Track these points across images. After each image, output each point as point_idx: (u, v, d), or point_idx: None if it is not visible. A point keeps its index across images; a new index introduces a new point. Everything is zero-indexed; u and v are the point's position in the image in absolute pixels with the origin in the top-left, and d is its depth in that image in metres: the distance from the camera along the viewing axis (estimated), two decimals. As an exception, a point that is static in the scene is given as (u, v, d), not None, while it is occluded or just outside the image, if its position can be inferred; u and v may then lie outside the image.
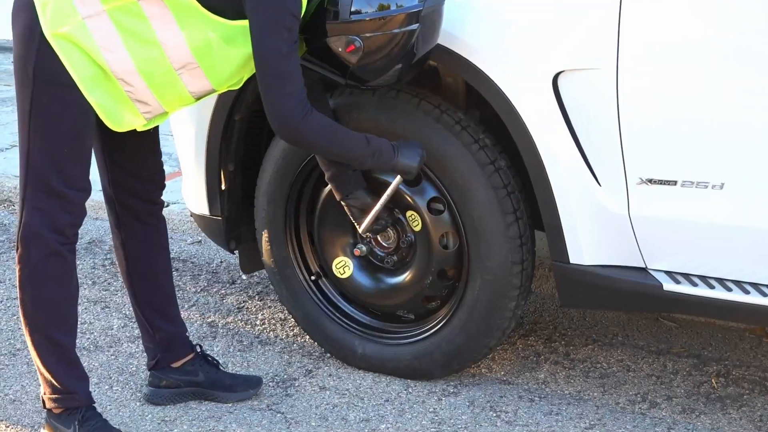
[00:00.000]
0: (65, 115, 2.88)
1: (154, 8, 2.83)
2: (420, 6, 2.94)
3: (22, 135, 2.93)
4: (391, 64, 3.01)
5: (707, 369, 3.60)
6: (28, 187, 2.94)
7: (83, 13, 2.82)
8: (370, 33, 2.93)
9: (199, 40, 2.86)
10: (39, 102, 2.88)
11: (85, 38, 2.83)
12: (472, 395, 3.46)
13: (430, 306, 3.53)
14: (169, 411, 3.41)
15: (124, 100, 2.92)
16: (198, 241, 4.94)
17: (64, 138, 2.90)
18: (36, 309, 3.04)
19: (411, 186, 3.37)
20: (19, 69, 2.89)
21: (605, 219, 3.08)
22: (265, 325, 4.02)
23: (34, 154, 2.91)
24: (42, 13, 2.82)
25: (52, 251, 2.97)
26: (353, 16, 2.91)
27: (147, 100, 2.94)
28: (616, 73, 2.92)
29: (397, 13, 2.93)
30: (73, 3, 2.82)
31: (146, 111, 2.97)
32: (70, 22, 2.82)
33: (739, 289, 3.00)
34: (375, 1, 2.92)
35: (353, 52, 2.94)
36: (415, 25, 2.95)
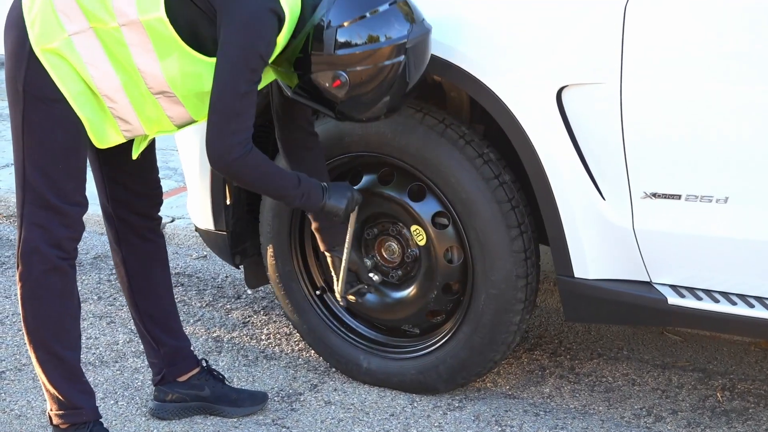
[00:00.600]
0: (57, 130, 2.89)
1: (134, 36, 2.83)
2: (405, 37, 2.92)
3: (16, 152, 2.94)
4: (379, 97, 2.98)
5: (712, 383, 3.60)
6: (26, 203, 2.95)
7: (70, 30, 2.83)
8: (356, 67, 2.90)
9: (176, 72, 2.87)
10: (30, 118, 2.89)
11: (72, 54, 2.84)
12: (477, 409, 3.46)
13: (434, 320, 3.53)
14: (175, 426, 3.41)
15: (108, 117, 2.93)
16: (203, 255, 4.94)
17: (57, 153, 2.91)
18: (38, 325, 3.04)
19: (415, 201, 3.37)
20: (10, 86, 2.91)
21: (609, 233, 3.08)
22: (271, 339, 4.02)
23: (29, 170, 2.92)
24: (31, 29, 2.84)
25: (52, 266, 2.98)
26: (338, 51, 2.88)
27: (129, 118, 2.94)
28: (620, 87, 2.92)
29: (384, 45, 2.90)
30: (60, 20, 2.83)
31: (126, 129, 2.97)
32: (57, 38, 2.83)
33: (743, 303, 3.00)
34: (361, 34, 2.89)
35: (340, 86, 2.91)
36: (402, 57, 2.93)
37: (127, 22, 2.81)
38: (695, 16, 2.86)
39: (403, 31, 2.91)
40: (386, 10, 2.91)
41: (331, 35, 2.87)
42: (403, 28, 2.91)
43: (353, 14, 2.88)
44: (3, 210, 5.61)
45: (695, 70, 2.87)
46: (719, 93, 2.85)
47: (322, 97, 2.97)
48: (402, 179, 3.40)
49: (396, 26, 2.91)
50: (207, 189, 3.70)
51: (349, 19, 2.87)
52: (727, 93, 2.84)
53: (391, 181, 3.43)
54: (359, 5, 2.89)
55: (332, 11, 2.87)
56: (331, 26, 2.87)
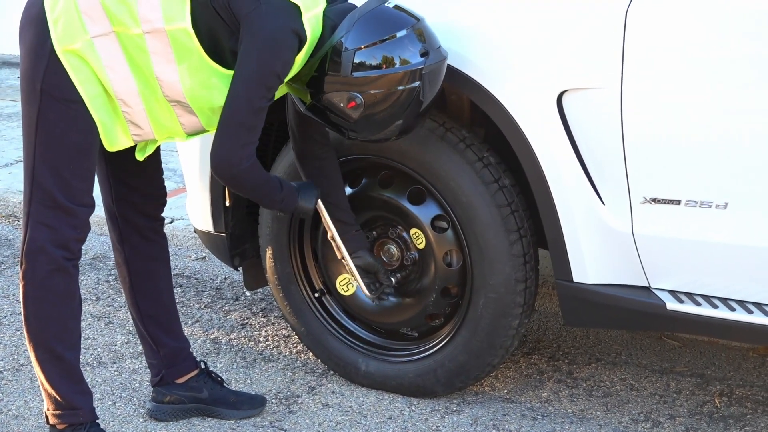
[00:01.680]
0: (72, 132, 2.89)
1: (157, 44, 2.84)
2: (422, 63, 2.94)
3: (27, 150, 2.94)
4: (392, 119, 3.01)
5: (710, 388, 3.60)
6: (33, 202, 2.95)
7: (92, 32, 2.84)
8: (371, 89, 2.93)
9: (194, 84, 2.88)
10: (46, 117, 2.89)
11: (92, 56, 2.84)
12: (475, 413, 3.46)
13: (433, 324, 3.53)
14: (172, 427, 3.41)
15: (120, 120, 2.94)
16: (202, 257, 4.94)
17: (69, 154, 2.91)
18: (40, 325, 3.04)
19: (415, 204, 3.38)
20: (26, 84, 2.90)
21: (609, 238, 3.08)
22: (269, 341, 4.02)
23: (40, 169, 2.92)
24: (53, 28, 2.83)
25: (57, 267, 2.98)
26: (355, 73, 2.91)
27: (140, 123, 2.95)
28: (620, 92, 2.93)
29: (400, 70, 2.92)
30: (83, 21, 2.83)
31: (136, 134, 2.98)
32: (79, 40, 2.83)
33: (742, 309, 3.00)
34: (378, 58, 2.92)
35: (354, 108, 2.95)
36: (417, 83, 2.95)
37: (151, 30, 2.83)
38: (696, 21, 2.87)
39: (420, 57, 2.94)
40: (404, 36, 2.94)
41: (348, 57, 2.90)
42: (419, 54, 2.94)
43: (372, 38, 2.91)
44: (1, 209, 5.61)
45: (696, 75, 2.87)
46: (720, 98, 2.85)
47: (335, 116, 3.00)
48: (402, 182, 3.40)
49: (413, 52, 2.94)
50: (206, 190, 3.70)
51: (367, 43, 2.91)
52: (728, 98, 2.84)
53: (390, 185, 3.43)
54: (378, 29, 2.93)
55: (351, 34, 2.91)
56: (349, 48, 2.90)
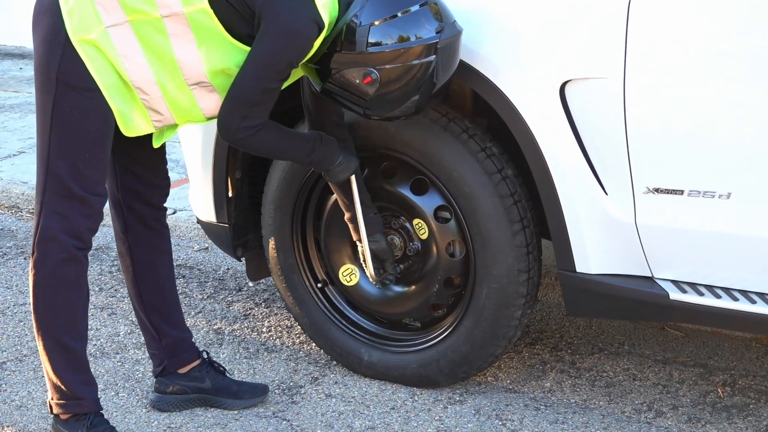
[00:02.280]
0: (87, 120, 2.90)
1: (177, 26, 2.85)
2: (437, 38, 2.94)
3: (42, 139, 2.94)
4: (408, 95, 3.01)
5: (713, 378, 3.60)
6: (47, 191, 2.95)
7: (107, 22, 2.84)
8: (387, 65, 2.93)
9: (216, 63, 2.90)
10: (61, 106, 2.89)
11: (108, 46, 2.85)
12: (477, 403, 3.46)
13: (436, 314, 3.53)
14: (175, 418, 3.42)
15: (139, 107, 2.95)
16: (205, 248, 4.95)
17: (84, 143, 2.92)
18: (49, 314, 3.04)
19: (418, 194, 3.37)
20: (41, 73, 2.90)
21: (612, 228, 3.08)
22: (272, 332, 4.03)
23: (55, 158, 2.92)
24: (69, 18, 2.84)
25: (69, 256, 2.98)
26: (370, 48, 2.91)
27: (160, 109, 2.96)
28: (623, 82, 2.92)
29: (415, 45, 2.93)
30: (98, 11, 2.84)
31: (157, 120, 2.99)
32: (95, 30, 2.84)
33: (745, 299, 3.00)
34: (392, 33, 2.92)
35: (370, 83, 2.95)
36: (432, 57, 2.95)
37: (170, 14, 2.84)
38: (699, 12, 2.86)
39: (434, 31, 2.94)
40: (418, 10, 2.94)
41: (363, 33, 2.91)
42: (434, 29, 2.94)
43: (386, 13, 2.91)
44: (5, 201, 5.61)
45: (699, 65, 2.87)
46: (723, 88, 2.85)
47: (351, 94, 2.99)
48: (404, 173, 3.40)
49: (427, 26, 2.94)
50: (209, 181, 3.70)
51: (381, 18, 2.91)
52: (731, 89, 2.84)
53: (393, 175, 3.43)
54: (392, 4, 2.93)
55: (365, 9, 2.91)
56: (364, 24, 2.90)
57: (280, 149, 3.10)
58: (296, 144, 3.11)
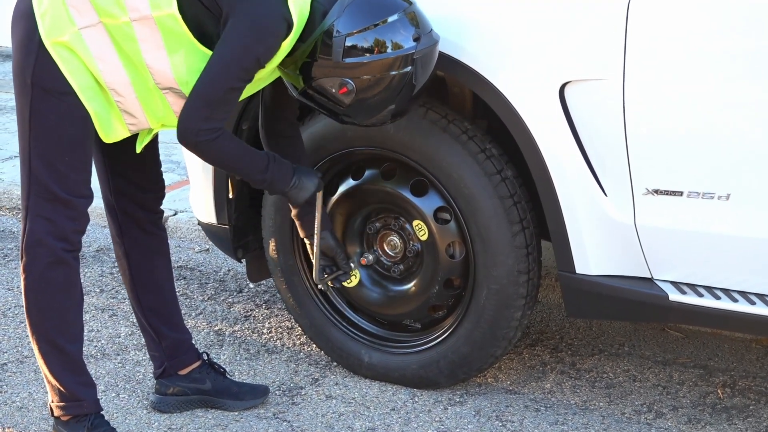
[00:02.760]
0: (64, 123, 2.89)
1: (146, 31, 2.83)
2: (414, 48, 2.92)
3: (22, 143, 2.94)
4: (384, 104, 2.99)
5: (713, 379, 3.60)
6: (31, 195, 2.95)
7: (79, 24, 2.83)
8: (363, 75, 2.91)
9: (185, 69, 2.87)
10: (38, 110, 2.89)
11: (81, 48, 2.84)
12: (478, 404, 3.46)
13: (436, 315, 3.54)
14: (176, 419, 3.42)
15: (114, 110, 2.94)
16: (205, 249, 4.95)
17: (64, 146, 2.91)
18: (42, 317, 3.05)
19: (418, 196, 3.38)
20: (17, 77, 2.91)
21: (611, 229, 3.09)
22: (272, 333, 4.03)
23: (35, 162, 2.92)
24: (41, 21, 2.83)
25: (57, 259, 2.98)
26: (346, 59, 2.89)
27: (135, 112, 2.94)
28: (622, 83, 2.93)
29: (392, 56, 2.90)
30: (70, 13, 2.83)
31: (132, 123, 2.98)
32: (67, 32, 2.83)
33: (744, 300, 3.00)
34: (369, 44, 2.89)
35: (346, 93, 2.92)
36: (409, 68, 2.93)
37: (138, 18, 2.82)
38: (699, 13, 2.86)
39: (411, 41, 2.92)
40: (395, 20, 2.92)
41: (339, 43, 2.88)
42: (412, 39, 2.93)
43: (363, 23, 2.89)
44: (6, 202, 5.62)
45: (698, 67, 2.87)
46: (722, 90, 2.85)
47: (328, 101, 2.98)
48: (404, 174, 3.41)
49: (405, 36, 2.92)
50: (209, 183, 3.71)
51: (358, 28, 2.88)
52: (730, 90, 2.84)
53: (393, 176, 3.43)
54: (369, 14, 2.90)
55: (342, 19, 2.88)
56: (340, 34, 2.88)
57: (237, 160, 3.01)
58: (251, 158, 3.04)
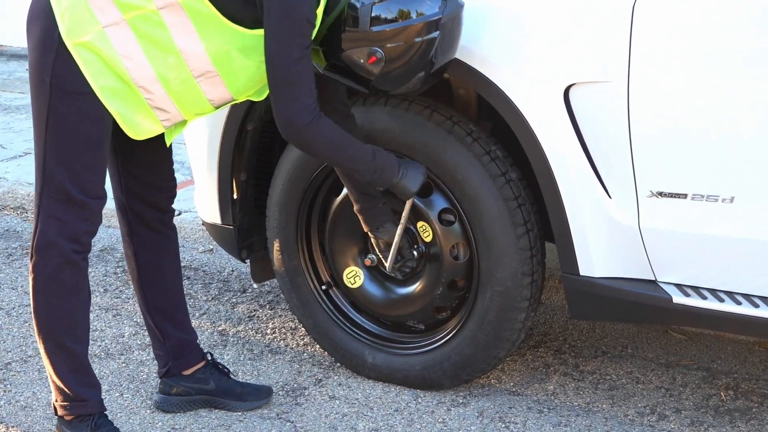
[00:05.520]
0: (83, 124, 2.89)
1: (174, 17, 2.84)
2: (440, 14, 2.94)
3: (38, 144, 2.94)
4: (413, 72, 3.00)
5: (716, 382, 3.60)
6: (44, 195, 2.95)
7: (103, 22, 2.83)
8: (391, 43, 2.93)
9: (219, 49, 2.88)
10: (56, 110, 2.88)
11: (105, 47, 2.84)
12: (481, 406, 3.47)
13: (440, 316, 3.54)
14: (179, 419, 3.42)
15: (144, 108, 2.93)
16: (209, 249, 4.95)
17: (81, 147, 2.91)
18: (49, 317, 3.05)
19: (421, 197, 3.38)
20: (35, 77, 2.90)
21: (615, 231, 3.09)
22: (276, 334, 4.03)
23: (51, 163, 2.92)
24: (61, 21, 2.83)
25: (68, 260, 2.99)
26: (373, 27, 2.91)
27: (166, 107, 2.94)
28: (627, 85, 2.93)
29: (418, 22, 2.93)
30: (93, 11, 2.83)
31: (165, 118, 2.98)
32: (90, 31, 2.82)
33: (748, 302, 3.00)
34: (394, 11, 2.92)
35: (375, 63, 2.94)
36: (436, 33, 2.95)
37: (165, 5, 2.82)
38: (704, 15, 2.87)
39: (437, 7, 2.94)
40: None
41: (366, 12, 2.91)
42: (437, 5, 2.95)
43: None
44: (10, 202, 5.63)
45: (703, 69, 2.87)
46: (726, 92, 2.85)
47: (356, 73, 2.99)
48: (409, 175, 3.41)
49: (430, 3, 2.94)
50: (214, 183, 3.71)
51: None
52: (735, 92, 2.85)
53: (398, 177, 3.43)
54: None
55: None
56: (366, 3, 2.90)
57: (343, 147, 3.03)
58: (357, 145, 3.07)
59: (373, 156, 3.08)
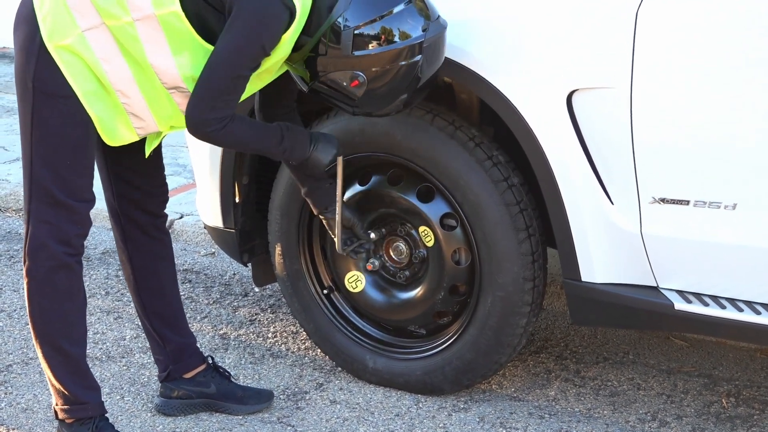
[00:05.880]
0: (66, 127, 2.89)
1: (149, 31, 2.83)
2: (422, 37, 2.93)
3: (24, 147, 2.95)
4: (396, 94, 3.01)
5: (718, 389, 3.60)
6: (33, 199, 2.95)
7: (82, 26, 2.83)
8: (373, 67, 2.92)
9: (190, 68, 2.87)
10: (40, 114, 2.89)
11: (85, 50, 2.84)
12: (482, 411, 3.47)
13: (441, 321, 3.54)
14: (180, 422, 3.42)
15: (121, 113, 2.93)
16: (211, 253, 4.95)
17: (66, 150, 2.91)
18: (45, 321, 3.05)
19: (424, 202, 3.38)
20: (19, 81, 2.91)
21: (617, 237, 3.09)
22: (277, 338, 4.03)
23: (37, 166, 2.93)
24: (43, 25, 2.83)
25: (60, 263, 2.99)
26: (356, 52, 2.90)
27: (142, 114, 2.94)
28: (630, 92, 2.93)
29: (401, 46, 2.92)
30: (73, 15, 2.83)
31: (139, 126, 2.97)
32: (70, 34, 2.83)
33: (750, 310, 3.00)
34: (378, 35, 2.90)
35: (358, 86, 2.94)
36: (419, 57, 2.94)
37: (141, 17, 2.82)
38: (707, 21, 2.86)
39: (420, 30, 2.93)
40: (402, 10, 2.92)
41: (348, 36, 2.89)
42: (420, 28, 2.93)
43: (370, 15, 2.90)
44: (12, 204, 5.63)
45: (706, 76, 2.87)
46: (729, 98, 2.85)
47: (340, 94, 2.99)
48: (411, 180, 3.41)
49: (412, 25, 2.93)
50: (216, 186, 3.71)
51: (366, 20, 2.89)
52: (738, 98, 2.84)
53: (400, 182, 3.43)
54: (376, 5, 2.91)
55: (349, 12, 2.89)
56: (348, 27, 2.89)
57: (251, 141, 3.03)
58: (265, 134, 3.05)
59: (281, 138, 3.06)
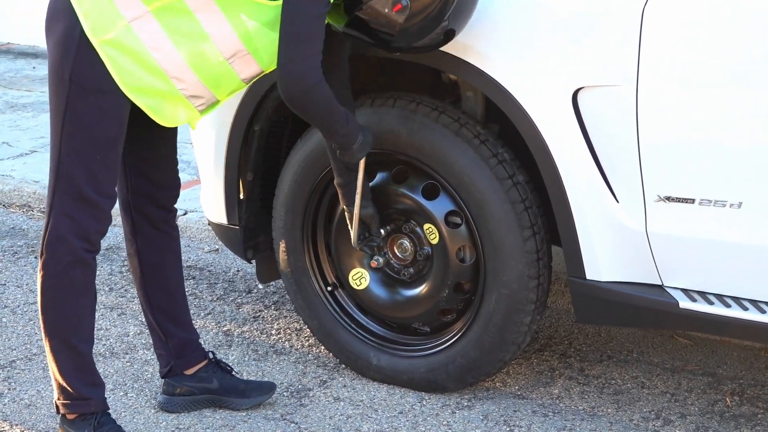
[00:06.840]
0: (101, 122, 2.89)
1: (197, 1, 2.83)
2: None
3: (54, 141, 2.93)
4: (436, 21, 2.95)
5: (722, 387, 3.60)
6: (57, 193, 2.95)
7: (128, 17, 2.82)
8: None
9: (246, 26, 2.87)
10: (74, 108, 2.88)
11: (132, 41, 2.83)
12: (486, 409, 3.46)
13: (445, 319, 3.54)
14: (184, 419, 3.42)
15: (178, 98, 2.93)
16: (215, 249, 4.95)
17: (98, 145, 2.91)
18: (57, 315, 3.05)
19: (429, 199, 3.38)
20: (55, 75, 2.89)
21: (622, 236, 3.08)
22: (281, 334, 4.03)
23: (66, 160, 2.92)
24: (85, 20, 2.82)
25: (78, 258, 2.99)
26: None
27: (200, 93, 2.94)
28: (636, 90, 2.93)
29: None
30: (116, 7, 2.82)
31: (200, 104, 2.98)
32: (115, 27, 2.82)
33: (755, 308, 2.99)
34: None
35: (400, 11, 2.90)
36: None
37: None
38: (712, 20, 2.86)
39: None
40: None
41: None
42: None
43: None
44: (16, 200, 5.63)
45: (711, 74, 2.87)
46: (734, 97, 2.85)
47: (375, 31, 2.96)
48: (416, 178, 3.41)
49: None
50: (221, 183, 3.71)
51: None
52: (743, 97, 2.84)
53: (405, 180, 3.43)
54: None
55: None
56: None
57: (329, 109, 3.00)
58: (339, 110, 3.05)
59: (347, 119, 3.08)
